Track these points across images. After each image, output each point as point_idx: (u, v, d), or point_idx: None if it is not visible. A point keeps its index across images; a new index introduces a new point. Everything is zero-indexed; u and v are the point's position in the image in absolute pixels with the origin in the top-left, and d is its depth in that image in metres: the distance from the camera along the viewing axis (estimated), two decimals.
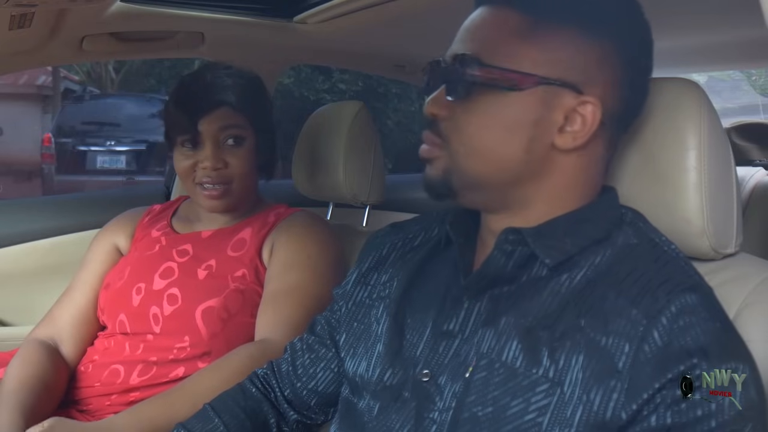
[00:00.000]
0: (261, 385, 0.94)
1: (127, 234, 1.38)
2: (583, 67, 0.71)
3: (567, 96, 0.71)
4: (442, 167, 0.74)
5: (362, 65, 2.30)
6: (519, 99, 0.71)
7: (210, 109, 1.25)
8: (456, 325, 0.74)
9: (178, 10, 1.44)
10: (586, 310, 0.68)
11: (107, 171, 7.35)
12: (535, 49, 0.71)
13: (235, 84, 1.28)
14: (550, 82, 0.71)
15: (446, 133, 0.74)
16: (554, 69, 0.71)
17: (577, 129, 0.72)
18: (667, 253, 0.72)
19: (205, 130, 1.24)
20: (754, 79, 7.78)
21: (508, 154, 0.72)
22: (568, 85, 0.71)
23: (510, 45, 0.71)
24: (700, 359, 0.62)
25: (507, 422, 0.67)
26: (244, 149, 1.27)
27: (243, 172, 1.27)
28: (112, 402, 1.19)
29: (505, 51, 0.71)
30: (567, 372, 0.66)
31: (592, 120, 0.72)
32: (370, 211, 1.55)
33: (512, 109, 0.71)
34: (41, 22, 1.24)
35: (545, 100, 0.71)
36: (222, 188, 1.26)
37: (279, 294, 1.20)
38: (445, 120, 0.74)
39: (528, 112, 0.71)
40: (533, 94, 0.71)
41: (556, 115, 0.71)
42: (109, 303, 1.27)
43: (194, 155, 1.26)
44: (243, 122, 1.27)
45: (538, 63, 0.71)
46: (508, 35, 0.72)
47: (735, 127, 1.99)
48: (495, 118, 0.72)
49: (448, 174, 0.74)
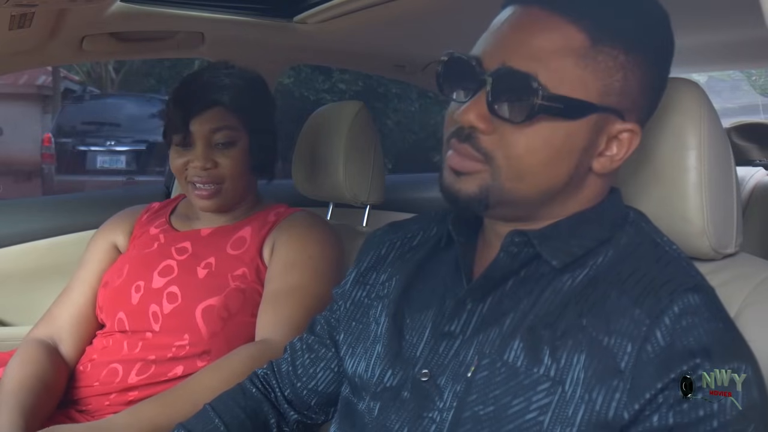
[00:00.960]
0: (261, 385, 0.94)
1: (126, 232, 1.38)
2: (633, 94, 0.70)
3: (614, 122, 0.70)
4: (479, 183, 0.70)
5: (362, 65, 2.30)
6: (574, 127, 0.68)
7: (202, 109, 1.25)
8: (458, 326, 0.74)
9: (178, 10, 1.44)
10: (588, 309, 0.68)
11: (107, 171, 7.35)
12: (595, 76, 0.68)
13: (232, 84, 1.28)
14: (603, 110, 0.69)
15: (488, 150, 0.69)
16: (609, 97, 0.69)
17: (614, 153, 0.71)
18: (669, 253, 0.72)
19: (196, 130, 1.25)
20: (754, 79, 7.77)
21: (553, 178, 0.70)
22: (617, 112, 0.70)
23: (572, 68, 0.67)
24: (703, 359, 0.62)
25: (508, 421, 0.67)
26: (236, 150, 1.27)
27: (234, 173, 1.27)
28: (111, 402, 1.19)
29: (567, 75, 0.67)
30: (568, 371, 0.66)
31: (629, 146, 0.71)
32: (370, 211, 1.55)
33: (566, 135, 0.68)
34: (41, 22, 1.24)
35: (596, 128, 0.70)
36: (212, 188, 1.26)
37: (280, 294, 1.20)
38: (486, 134, 0.69)
39: (580, 140, 0.69)
40: (587, 122, 0.69)
41: (600, 140, 0.71)
42: (107, 301, 1.27)
43: (186, 154, 1.27)
44: (236, 123, 1.27)
45: (597, 90, 0.68)
46: (571, 56, 0.67)
47: (735, 127, 2.00)
48: (548, 143, 0.68)
49: (486, 191, 0.70)
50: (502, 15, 0.72)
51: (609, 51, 0.68)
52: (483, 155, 0.69)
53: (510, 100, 0.68)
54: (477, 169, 0.70)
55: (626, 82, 0.69)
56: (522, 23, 0.69)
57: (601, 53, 0.68)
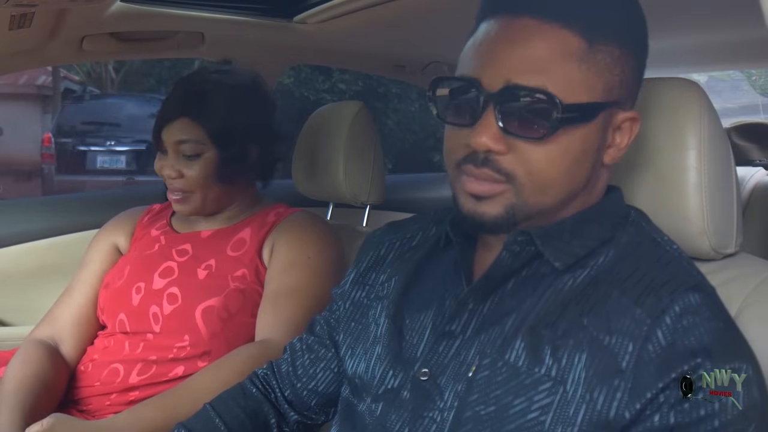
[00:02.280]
0: (261, 386, 0.94)
1: (127, 233, 1.39)
2: (630, 84, 0.72)
3: (618, 114, 0.72)
4: (503, 204, 0.69)
5: (362, 65, 2.30)
6: (587, 129, 0.69)
7: (171, 119, 1.26)
8: (458, 326, 0.74)
9: (178, 10, 1.44)
10: (589, 309, 0.68)
11: (107, 171, 7.35)
12: (596, 76, 0.69)
13: (205, 93, 1.26)
14: (609, 106, 0.70)
15: (509, 170, 0.68)
16: (612, 92, 0.70)
17: (618, 142, 0.73)
18: (669, 252, 0.72)
19: (166, 139, 1.27)
20: (754, 79, 7.79)
21: (574, 182, 0.71)
22: (620, 104, 0.71)
23: (575, 73, 0.67)
24: (704, 359, 0.62)
25: (509, 421, 0.67)
26: (201, 162, 1.25)
27: (200, 183, 1.26)
28: (111, 402, 1.19)
29: (572, 81, 0.67)
30: (569, 371, 0.66)
31: (631, 133, 0.73)
32: (370, 211, 1.55)
33: (582, 140, 0.69)
34: (41, 22, 1.24)
35: (605, 124, 0.71)
36: (181, 195, 1.27)
37: (279, 294, 1.20)
38: (502, 154, 0.68)
39: (594, 140, 0.70)
40: (597, 121, 0.70)
41: (609, 134, 0.72)
42: (108, 302, 1.27)
43: (162, 159, 1.29)
44: (201, 136, 1.25)
45: (601, 88, 0.69)
46: (572, 62, 0.67)
47: (735, 127, 2.00)
48: (567, 152, 0.68)
49: (511, 210, 0.70)
50: (489, 29, 0.70)
51: (605, 49, 0.69)
52: (504, 176, 0.69)
53: (523, 117, 0.67)
54: (500, 190, 0.69)
55: (624, 75, 0.71)
56: (516, 37, 0.68)
57: (599, 53, 0.68)
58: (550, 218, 0.73)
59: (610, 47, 0.69)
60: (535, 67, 0.67)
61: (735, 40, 1.55)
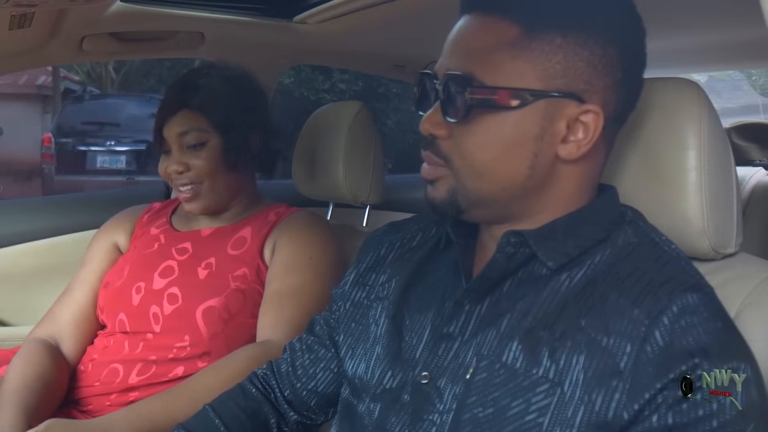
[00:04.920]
0: (261, 386, 0.94)
1: (127, 232, 1.39)
2: (583, 74, 0.70)
3: (569, 106, 0.70)
4: (446, 187, 0.73)
5: (362, 65, 2.30)
6: (520, 116, 0.69)
7: (171, 114, 1.27)
8: (456, 327, 0.74)
9: (178, 10, 1.44)
10: (587, 310, 0.68)
11: (107, 171, 7.36)
12: (532, 63, 0.68)
13: (203, 86, 1.28)
14: (550, 96, 0.69)
15: (447, 153, 0.72)
16: (554, 81, 0.69)
17: (580, 138, 0.71)
18: (667, 252, 0.71)
19: (168, 135, 1.27)
20: (754, 79, 7.79)
21: (512, 171, 0.71)
22: (569, 95, 0.69)
23: (507, 60, 0.69)
24: (702, 359, 0.62)
25: (508, 423, 0.67)
26: (207, 150, 1.27)
27: (208, 172, 1.27)
28: (111, 402, 1.19)
29: (502, 67, 0.69)
30: (567, 372, 0.66)
31: (595, 128, 0.70)
32: (370, 211, 1.55)
33: (513, 126, 0.69)
34: (41, 22, 1.25)
35: (547, 114, 0.70)
36: (192, 189, 1.28)
37: (280, 295, 1.20)
38: (444, 139, 0.72)
39: (530, 128, 0.70)
40: (534, 109, 0.69)
41: (558, 127, 0.70)
42: (108, 302, 1.27)
43: (166, 160, 1.29)
44: (204, 125, 1.27)
45: (537, 76, 0.69)
46: (504, 50, 0.69)
47: (735, 127, 2.00)
48: (497, 137, 0.70)
49: (453, 194, 0.72)
50: (454, 28, 0.75)
51: (543, 36, 0.69)
52: (443, 159, 0.73)
53: (451, 100, 0.71)
54: (442, 174, 0.73)
55: (569, 63, 0.69)
56: (461, 32, 0.73)
57: (534, 40, 0.69)
58: (512, 213, 0.73)
59: (550, 35, 0.69)
60: (467, 55, 0.71)
61: (735, 40, 1.55)
